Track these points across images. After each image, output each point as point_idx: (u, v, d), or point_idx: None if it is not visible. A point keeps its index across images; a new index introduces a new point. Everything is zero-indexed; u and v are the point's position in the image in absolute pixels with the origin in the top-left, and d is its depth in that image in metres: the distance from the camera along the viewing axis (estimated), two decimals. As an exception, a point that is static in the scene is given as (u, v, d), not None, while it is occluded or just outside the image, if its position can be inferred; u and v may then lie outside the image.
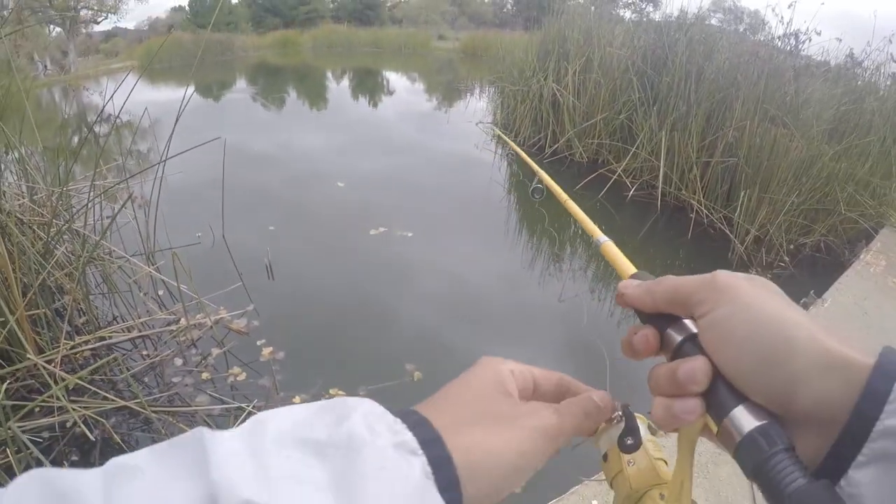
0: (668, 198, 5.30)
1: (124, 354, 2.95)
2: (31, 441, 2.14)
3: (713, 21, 6.72)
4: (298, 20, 39.60)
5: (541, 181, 1.09)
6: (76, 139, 6.93)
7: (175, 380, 2.75)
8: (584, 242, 4.89)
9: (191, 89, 3.59)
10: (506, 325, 3.42)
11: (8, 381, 2.40)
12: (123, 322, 3.14)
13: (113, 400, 2.44)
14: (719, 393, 0.34)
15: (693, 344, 0.37)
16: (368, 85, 17.42)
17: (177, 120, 3.17)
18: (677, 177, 5.22)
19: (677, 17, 6.19)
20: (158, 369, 2.84)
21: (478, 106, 10.38)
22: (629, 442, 0.42)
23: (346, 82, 18.24)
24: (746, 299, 0.34)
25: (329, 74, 20.17)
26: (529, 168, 1.17)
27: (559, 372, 0.44)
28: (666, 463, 0.45)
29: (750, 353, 0.33)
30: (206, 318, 3.17)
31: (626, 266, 0.52)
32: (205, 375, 2.79)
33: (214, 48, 26.31)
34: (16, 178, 3.41)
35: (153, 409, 2.48)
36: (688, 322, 0.38)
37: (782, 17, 4.92)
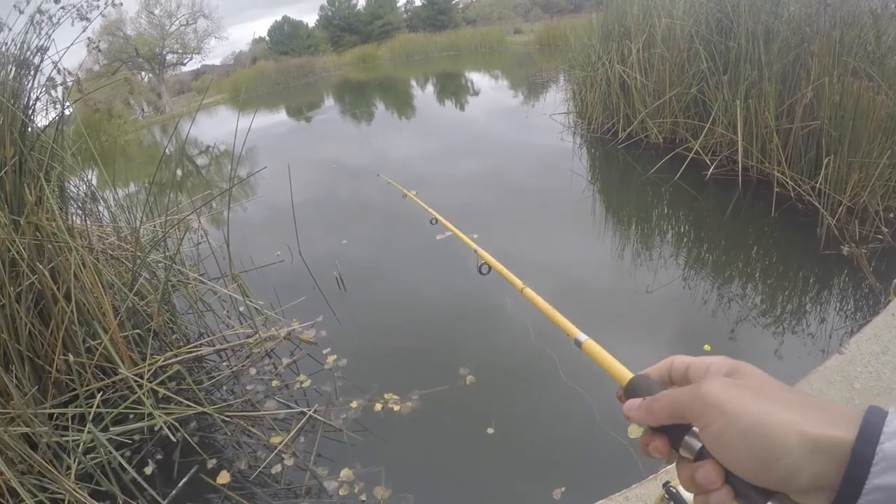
0: (750, 172, 4.96)
1: (205, 366, 3.23)
2: (123, 442, 2.42)
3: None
4: (374, 34, 40.74)
5: (487, 263, 1.04)
6: (179, 172, 7.59)
7: (249, 387, 2.98)
8: (672, 230, 4.73)
9: (251, 119, 3.85)
10: (580, 323, 3.33)
11: (109, 392, 2.71)
12: (207, 337, 3.42)
13: (192, 406, 2.67)
14: (744, 491, 0.39)
15: (704, 450, 0.41)
16: (449, 88, 17.66)
17: (241, 149, 3.38)
18: (757, 149, 4.87)
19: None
20: (235, 379, 3.08)
21: (556, 97, 10.26)
22: None
23: (423, 88, 18.61)
24: (734, 413, 0.39)
25: (411, 82, 20.65)
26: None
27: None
28: None
29: (748, 460, 0.38)
30: (279, 331, 3.38)
31: (618, 370, 0.53)
32: (275, 383, 3.00)
33: (297, 72, 27.75)
34: (109, 218, 3.80)
35: (226, 414, 2.70)
36: (693, 430, 0.43)
37: None
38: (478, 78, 19.07)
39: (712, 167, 5.13)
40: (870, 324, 2.67)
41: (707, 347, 2.81)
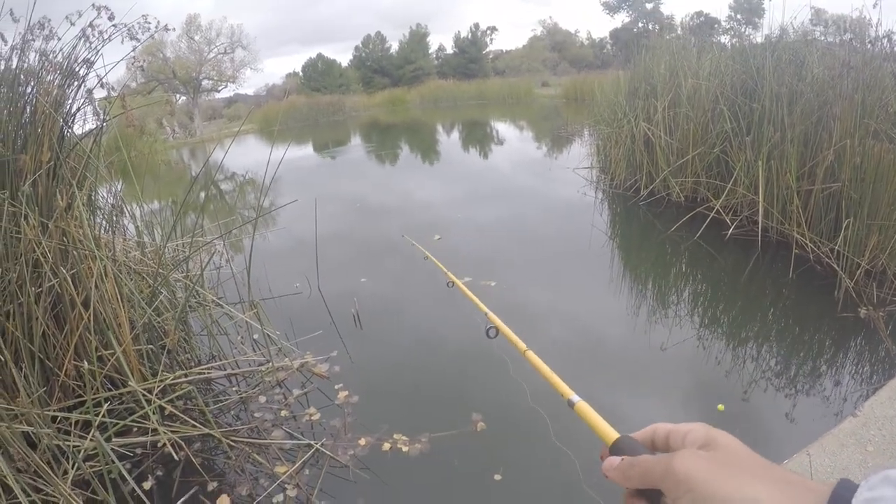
0: (769, 233, 4.95)
1: (213, 389, 3.22)
2: (124, 454, 2.40)
3: (816, 34, 6.27)
4: (405, 78, 41.85)
5: (496, 327, 1.07)
6: (203, 194, 7.76)
7: (257, 414, 2.96)
8: (689, 289, 4.70)
9: (284, 151, 3.95)
10: (593, 377, 3.27)
11: (115, 403, 2.72)
12: (219, 360, 3.43)
13: (198, 427, 2.66)
14: None
15: None
16: (475, 136, 17.96)
17: (269, 180, 3.45)
18: (778, 210, 4.87)
19: (767, 37, 5.88)
20: (243, 405, 3.06)
21: (580, 151, 10.39)
22: None
23: (451, 135, 18.95)
24: (700, 490, 0.40)
25: (438, 128, 21.04)
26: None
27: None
28: None
29: None
30: (292, 362, 3.38)
31: (606, 430, 0.54)
32: (284, 413, 2.98)
33: (327, 109, 28.47)
34: (135, 232, 3.88)
35: (232, 438, 2.68)
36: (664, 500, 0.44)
37: (869, 19, 4.52)
38: (504, 128, 19.41)
39: (732, 227, 5.13)
40: (885, 387, 2.62)
41: (721, 407, 2.75)
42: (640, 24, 42.51)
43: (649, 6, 43.27)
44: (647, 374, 3.25)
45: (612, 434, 0.53)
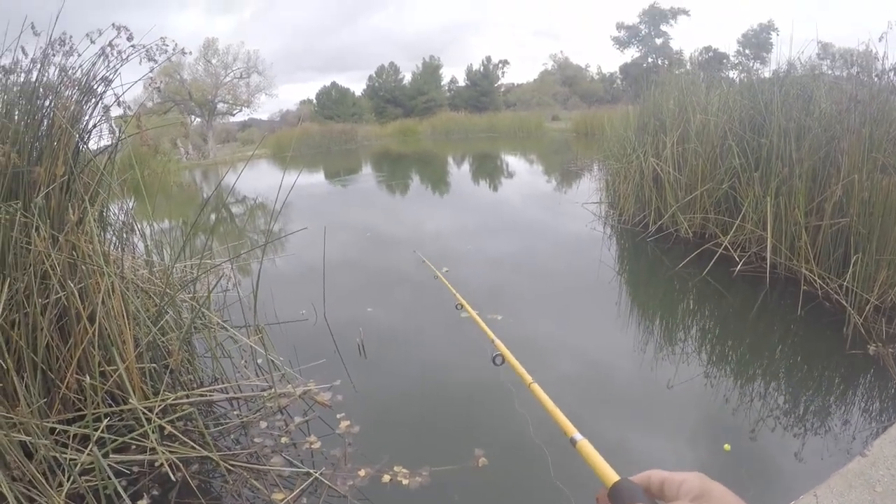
0: (778, 269, 4.92)
1: (214, 411, 3.20)
2: (121, 471, 2.38)
3: (823, 68, 6.32)
4: (417, 109, 42.46)
5: (502, 355, 1.09)
6: (213, 217, 7.83)
7: (257, 440, 2.93)
8: (696, 326, 4.67)
9: (296, 177, 3.99)
10: (598, 412, 3.23)
11: (114, 419, 2.70)
12: (221, 383, 3.42)
13: (197, 449, 2.63)
14: None
15: None
16: (485, 168, 18.12)
17: (280, 205, 3.48)
18: (786, 245, 4.85)
19: (775, 71, 5.94)
20: (243, 430, 3.04)
21: (589, 186, 10.44)
22: None
23: (461, 167, 19.13)
24: None
25: (449, 159, 21.24)
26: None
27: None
28: None
29: None
30: (294, 389, 3.36)
31: (606, 472, 0.55)
32: (284, 440, 2.96)
33: (339, 137, 28.86)
34: (144, 250, 3.90)
35: (231, 462, 2.65)
36: None
37: (875, 53, 4.55)
38: (514, 161, 19.58)
39: (740, 263, 5.10)
40: (894, 425, 2.57)
41: (727, 447, 2.70)
42: (650, 59, 43.12)
43: (659, 41, 43.95)
44: (652, 411, 3.20)
45: (612, 476, 0.53)
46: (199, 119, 29.16)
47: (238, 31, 75.81)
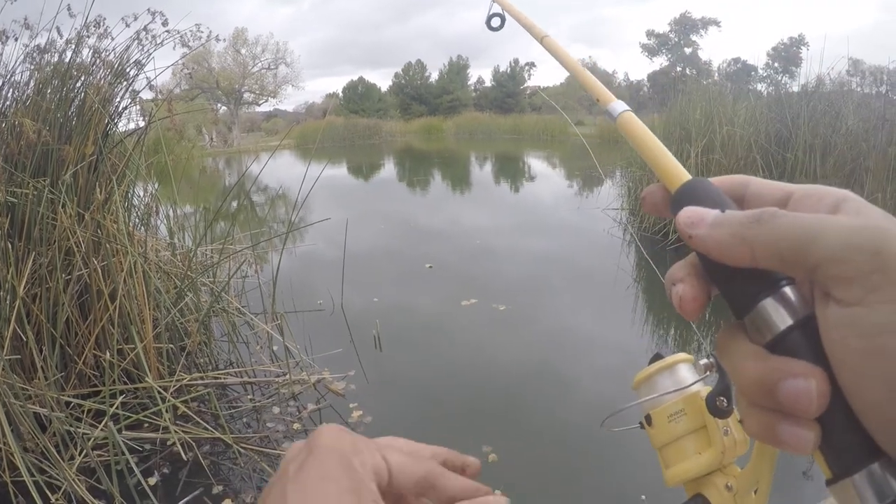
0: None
1: (228, 394, 3.24)
2: (133, 448, 2.43)
3: (853, 85, 6.22)
4: (442, 108, 42.46)
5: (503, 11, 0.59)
6: (235, 204, 7.92)
7: (269, 425, 2.96)
8: (711, 337, 4.62)
9: (321, 170, 4.03)
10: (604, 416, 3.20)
11: (129, 396, 2.75)
12: (236, 367, 3.46)
13: (210, 430, 2.66)
14: (840, 434, 0.22)
15: (804, 336, 0.24)
16: (507, 170, 18.07)
17: (304, 196, 3.51)
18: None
19: (804, 86, 5.86)
20: (256, 414, 3.07)
21: (610, 192, 10.38)
22: (723, 405, 0.32)
23: (482, 167, 19.10)
24: None
25: (472, 159, 21.21)
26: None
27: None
28: None
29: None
30: (309, 376, 3.39)
31: (670, 165, 0.32)
32: (296, 426, 2.98)
33: (364, 132, 28.99)
34: (167, 233, 3.96)
35: (242, 445, 2.67)
36: (788, 290, 0.25)
37: None
38: (536, 164, 19.47)
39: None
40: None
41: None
42: (678, 69, 42.70)
43: (688, 51, 43.46)
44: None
45: (679, 173, 0.31)
46: (224, 107, 29.50)
47: (295, 20, 76.57)
